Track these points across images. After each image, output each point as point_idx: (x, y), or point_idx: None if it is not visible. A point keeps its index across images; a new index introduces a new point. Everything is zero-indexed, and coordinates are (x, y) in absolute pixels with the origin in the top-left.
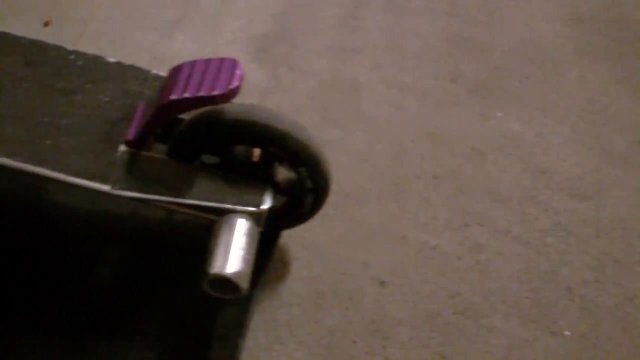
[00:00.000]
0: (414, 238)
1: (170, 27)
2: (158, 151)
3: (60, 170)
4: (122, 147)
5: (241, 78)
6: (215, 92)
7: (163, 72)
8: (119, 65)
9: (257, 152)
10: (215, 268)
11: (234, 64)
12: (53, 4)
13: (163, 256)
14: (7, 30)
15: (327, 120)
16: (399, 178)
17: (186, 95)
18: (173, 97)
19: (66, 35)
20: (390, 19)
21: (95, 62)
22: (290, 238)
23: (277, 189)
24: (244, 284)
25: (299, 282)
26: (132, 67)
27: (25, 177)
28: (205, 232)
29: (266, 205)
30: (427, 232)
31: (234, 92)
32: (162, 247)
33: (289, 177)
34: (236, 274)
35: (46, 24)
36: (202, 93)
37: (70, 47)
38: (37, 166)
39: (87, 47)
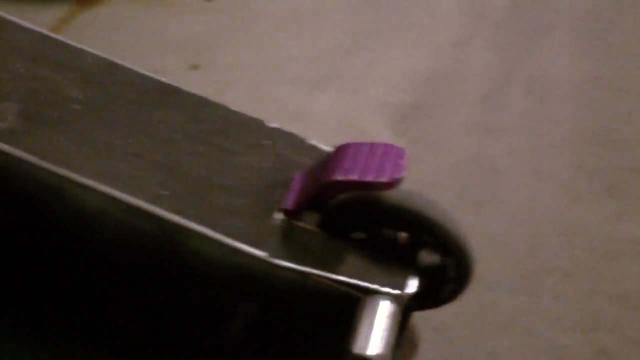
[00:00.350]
0: (543, 335)
1: (313, 84)
2: (308, 218)
3: (221, 232)
4: (279, 215)
5: (405, 168)
6: (382, 180)
7: (319, 143)
8: (278, 130)
9: (404, 234)
10: (359, 348)
11: (400, 152)
12: (202, 48)
13: (296, 320)
14: (156, 72)
15: (463, 201)
16: (531, 270)
17: (352, 177)
18: (339, 177)
19: (211, 81)
20: (531, 104)
21: (256, 125)
22: (420, 318)
23: (420, 273)
24: None
25: None
26: (290, 135)
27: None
28: (338, 302)
29: (411, 289)
30: (556, 330)
31: (398, 182)
32: (295, 311)
33: (432, 263)
34: (379, 356)
35: (193, 68)
36: (368, 178)
37: (213, 93)
38: (200, 226)
39: (231, 94)
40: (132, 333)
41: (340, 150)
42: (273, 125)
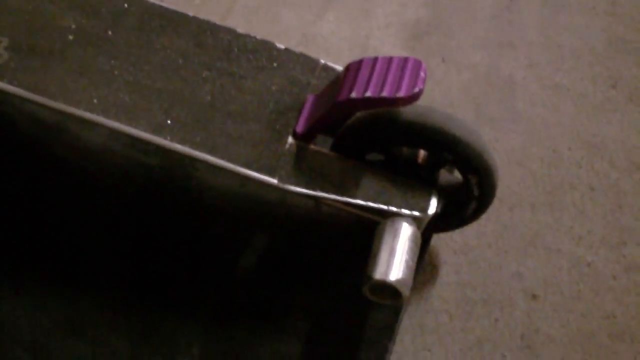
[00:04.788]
0: (569, 252)
1: (321, 6)
2: (321, 143)
3: (229, 160)
4: (290, 140)
5: (424, 81)
6: (399, 95)
7: (332, 63)
8: (288, 52)
9: (422, 153)
10: (379, 274)
11: (418, 65)
12: None
13: (310, 248)
14: (162, 3)
15: (480, 117)
16: (554, 186)
17: (368, 94)
18: (353, 95)
19: (215, 8)
20: (548, 14)
21: (264, 47)
22: (440, 240)
23: (441, 193)
24: (406, 292)
25: (448, 288)
26: (301, 55)
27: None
28: (355, 227)
29: (432, 210)
30: (582, 246)
31: (417, 96)
32: (309, 238)
33: (453, 182)
34: (400, 281)
35: None
36: (384, 94)
37: (218, 21)
38: (207, 154)
39: (236, 21)
40: (142, 270)
41: (353, 67)
42: (282, 46)
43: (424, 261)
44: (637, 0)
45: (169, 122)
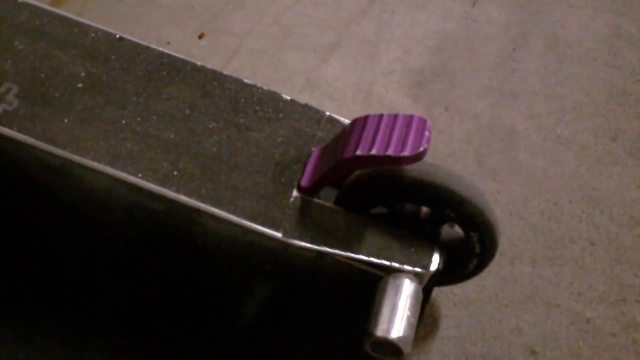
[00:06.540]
0: (568, 308)
1: (326, 50)
2: (325, 195)
3: (234, 213)
4: (295, 193)
5: (429, 140)
6: (404, 154)
7: (337, 115)
8: (293, 103)
9: (425, 208)
10: (381, 331)
11: (423, 124)
12: (211, 16)
13: (313, 298)
14: (160, 40)
15: (482, 168)
16: (554, 240)
17: (373, 152)
18: (359, 153)
19: (220, 50)
20: (550, 64)
21: (270, 98)
22: (440, 293)
23: (442, 249)
24: (408, 349)
25: (448, 342)
26: (306, 107)
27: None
28: (358, 281)
29: (434, 266)
30: (581, 302)
31: (421, 155)
32: (311, 288)
33: (455, 238)
34: (401, 338)
35: (200, 37)
36: (389, 152)
37: (223, 63)
38: (213, 207)
39: (241, 64)
40: (144, 316)
41: (358, 122)
42: (288, 97)
43: (424, 314)
44: (638, 51)
45: (175, 173)
